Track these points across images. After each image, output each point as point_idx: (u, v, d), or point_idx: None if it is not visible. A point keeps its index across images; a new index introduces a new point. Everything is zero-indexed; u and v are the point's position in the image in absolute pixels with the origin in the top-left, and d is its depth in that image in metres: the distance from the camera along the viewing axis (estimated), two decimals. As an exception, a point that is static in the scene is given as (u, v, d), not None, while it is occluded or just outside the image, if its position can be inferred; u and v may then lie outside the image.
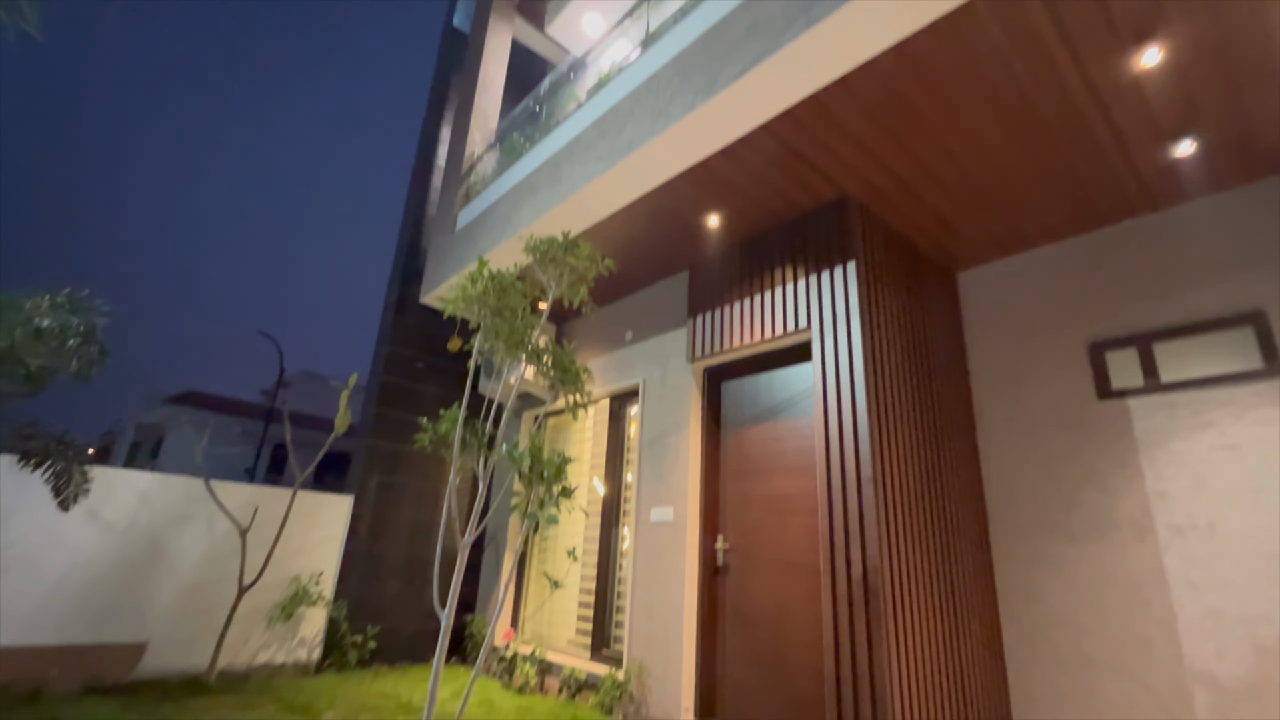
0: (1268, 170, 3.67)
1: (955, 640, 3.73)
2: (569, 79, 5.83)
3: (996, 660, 4.08)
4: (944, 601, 3.74)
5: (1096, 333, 4.21)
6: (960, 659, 3.74)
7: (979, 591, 4.11)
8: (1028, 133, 3.46)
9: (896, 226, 4.44)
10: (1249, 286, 3.69)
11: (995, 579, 4.29)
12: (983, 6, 2.71)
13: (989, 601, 4.18)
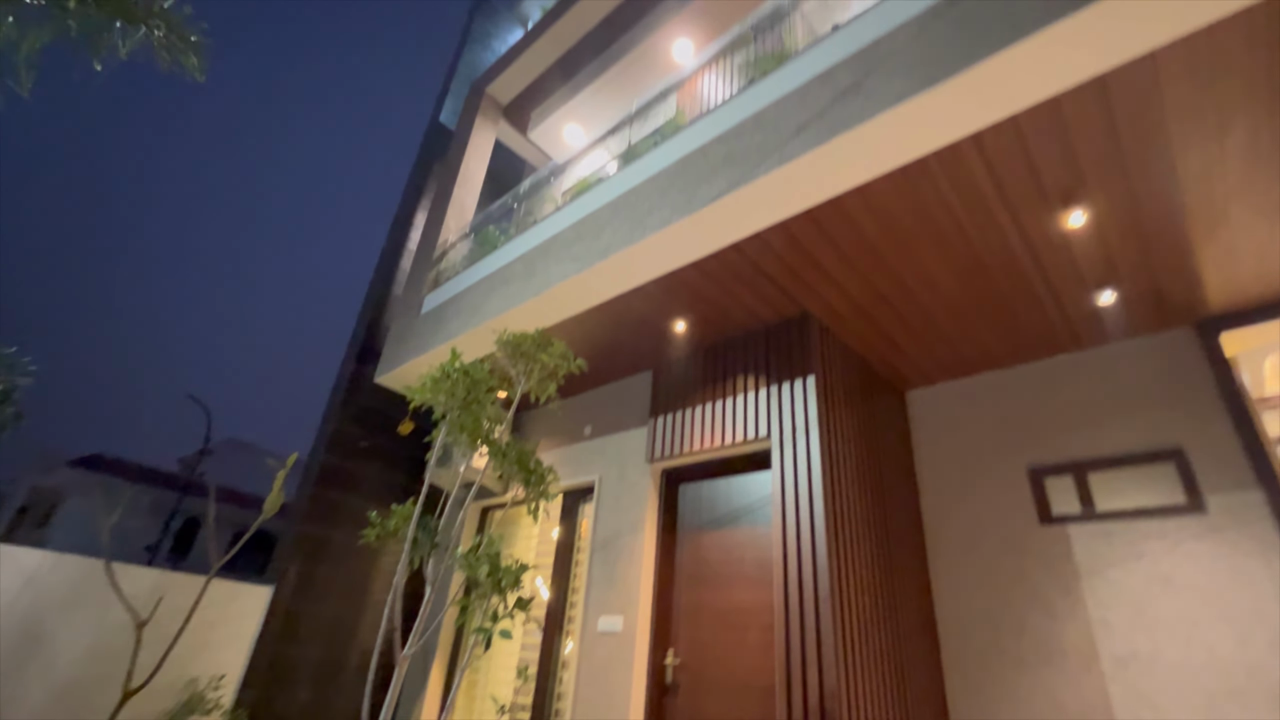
0: (1178, 321, 4.10)
1: (911, 776, 3.57)
2: (548, 182, 6.13)
3: (952, 799, 3.90)
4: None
5: (1036, 459, 4.44)
6: (916, 798, 3.56)
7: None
8: (972, 273, 3.79)
9: (853, 345, 4.68)
10: (1169, 425, 4.00)
11: (949, 708, 4.19)
12: (934, 163, 3.04)
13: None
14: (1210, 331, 4.00)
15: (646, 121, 5.56)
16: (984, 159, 3.01)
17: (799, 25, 4.27)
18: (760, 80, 3.76)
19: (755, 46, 4.47)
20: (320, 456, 6.22)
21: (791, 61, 3.57)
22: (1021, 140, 2.89)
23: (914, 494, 4.88)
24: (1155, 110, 2.70)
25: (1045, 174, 3.06)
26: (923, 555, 4.66)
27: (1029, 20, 2.43)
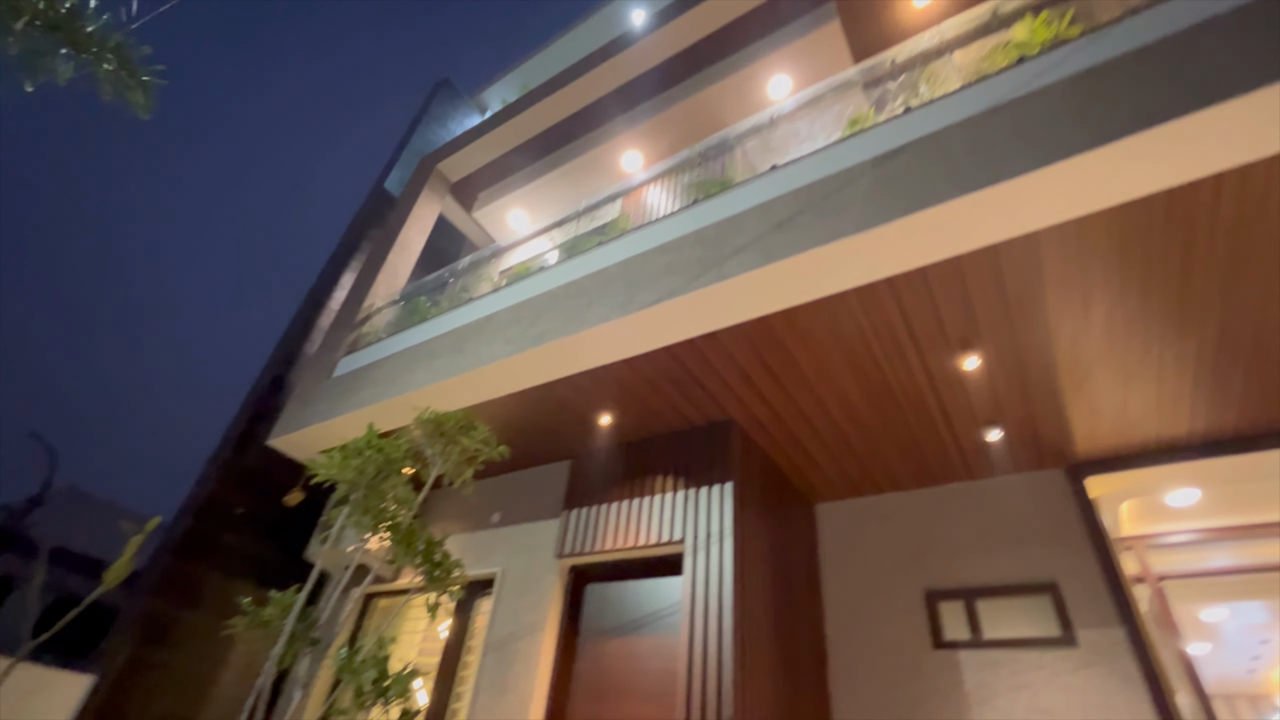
0: (1052, 463, 4.55)
1: None
2: (488, 261, 6.18)
3: None
4: None
5: (932, 582, 4.63)
6: None
7: None
8: (883, 399, 4.08)
9: (771, 454, 4.83)
10: (1044, 559, 4.32)
11: (841, 845, 4.04)
12: (855, 298, 3.34)
13: None
14: (1078, 475, 4.46)
15: (592, 220, 5.82)
16: (897, 301, 3.34)
17: (740, 158, 4.71)
18: (704, 201, 4.06)
19: (701, 170, 4.86)
20: (186, 521, 5.54)
21: (733, 190, 3.90)
22: (929, 289, 3.25)
23: (819, 609, 4.92)
24: (1036, 279, 3.13)
25: (947, 321, 3.43)
26: (824, 674, 4.63)
27: (938, 191, 2.80)
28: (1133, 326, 3.33)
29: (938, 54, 3.82)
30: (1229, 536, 5.06)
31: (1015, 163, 2.64)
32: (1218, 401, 3.80)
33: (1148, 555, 5.27)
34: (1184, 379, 3.65)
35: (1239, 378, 3.60)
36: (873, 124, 3.53)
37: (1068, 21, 3.19)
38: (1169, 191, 2.61)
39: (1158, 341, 3.41)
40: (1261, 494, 4.72)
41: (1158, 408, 3.89)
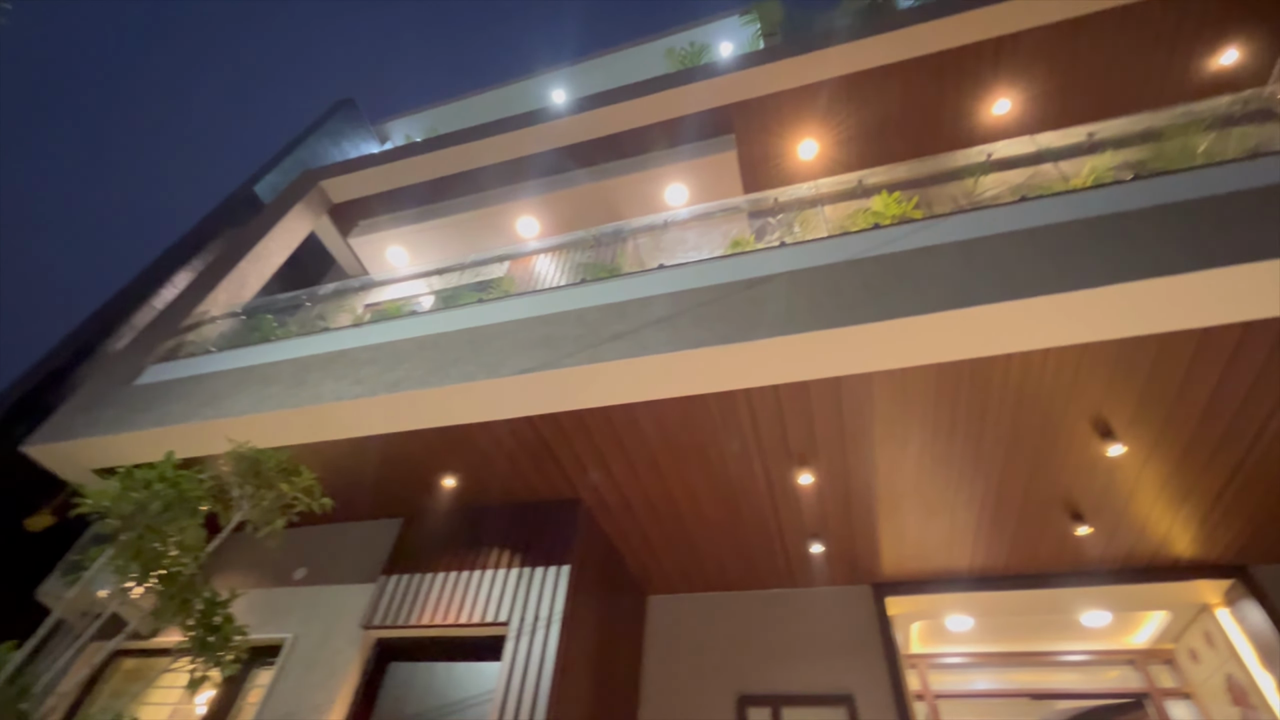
0: (862, 579, 4.96)
1: None
2: (354, 292, 5.80)
3: None
4: None
5: (745, 686, 4.73)
6: None
7: None
8: (726, 500, 4.27)
9: (613, 540, 4.80)
10: (846, 671, 4.61)
11: None
12: (713, 402, 3.54)
13: None
14: (881, 593, 4.90)
15: (476, 275, 5.73)
16: (751, 411, 3.59)
17: (631, 251, 4.96)
18: (591, 283, 4.18)
19: (593, 253, 5.03)
20: None
21: (621, 279, 4.06)
22: (780, 406, 3.53)
23: (634, 705, 4.81)
24: (868, 413, 3.54)
25: (791, 437, 3.73)
26: (628, 779, 4.47)
27: (798, 322, 3.12)
28: (938, 466, 3.83)
29: (812, 203, 4.37)
30: (991, 662, 5.75)
31: (861, 311, 3.03)
32: (994, 542, 4.41)
33: (929, 674, 5.82)
34: (971, 518, 4.22)
35: (1012, 524, 4.23)
36: (751, 249, 3.90)
37: (913, 204, 3.82)
38: (973, 360, 3.12)
39: (955, 483, 3.94)
40: (1020, 627, 5.46)
41: (949, 541, 4.44)
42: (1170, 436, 3.45)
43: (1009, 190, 3.82)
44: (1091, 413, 3.37)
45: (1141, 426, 3.40)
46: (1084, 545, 4.31)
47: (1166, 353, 3.02)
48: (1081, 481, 3.82)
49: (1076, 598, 4.70)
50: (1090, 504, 3.99)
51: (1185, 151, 3.66)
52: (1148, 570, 4.49)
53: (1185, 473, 3.67)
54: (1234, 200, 2.88)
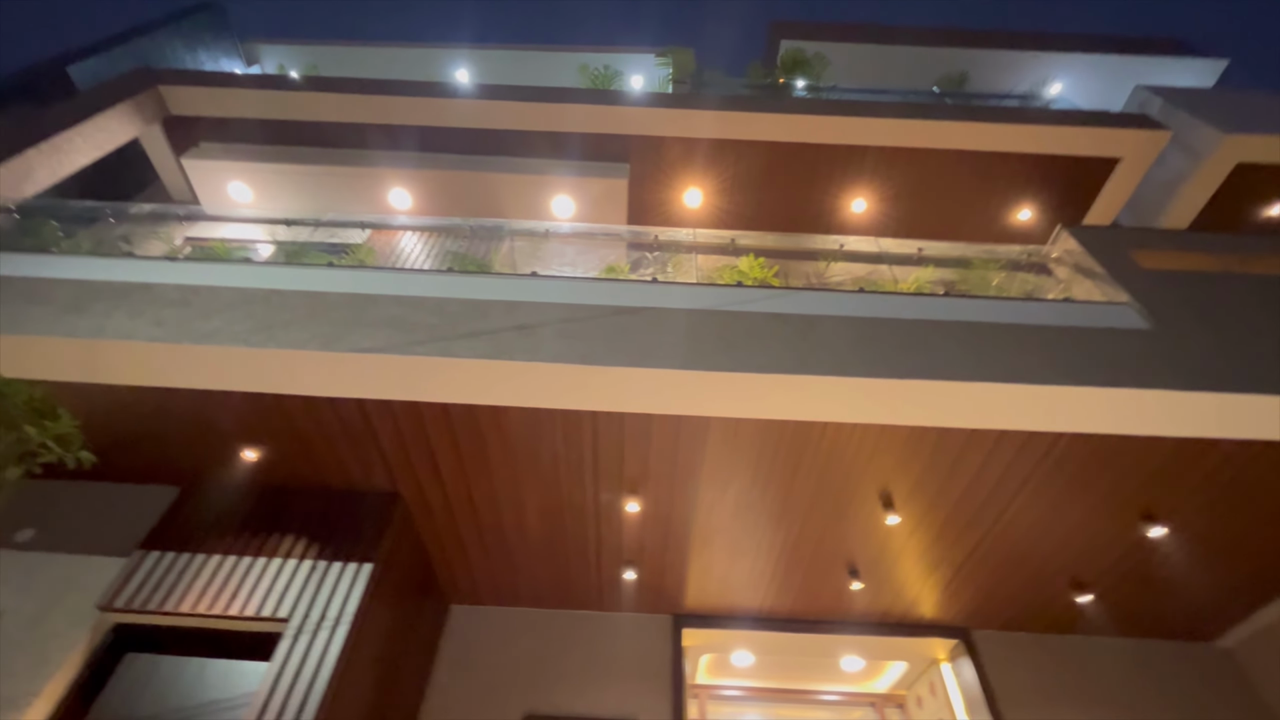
0: (665, 609, 5.19)
1: None
2: (180, 221, 5.04)
3: None
4: None
5: (533, 706, 4.69)
6: None
7: None
8: (554, 516, 4.26)
9: (426, 542, 4.56)
10: (633, 697, 4.76)
11: None
12: (559, 418, 3.56)
13: None
14: (679, 624, 5.16)
15: (331, 235, 5.25)
16: (595, 434, 3.65)
17: (507, 252, 4.86)
18: (459, 274, 4.02)
19: (467, 244, 4.86)
20: None
21: (491, 277, 3.96)
22: (623, 434, 3.64)
23: (415, 714, 4.55)
24: (700, 454, 3.76)
25: (627, 465, 3.85)
26: (390, 798, 4.19)
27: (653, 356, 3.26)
28: (750, 512, 4.16)
29: (688, 250, 4.62)
30: (762, 696, 6.27)
31: (713, 359, 3.24)
32: (785, 587, 4.86)
33: (707, 704, 6.20)
34: (770, 563, 4.62)
35: (802, 572, 4.70)
36: (625, 278, 4.02)
37: (774, 272, 4.20)
38: (797, 423, 3.47)
39: (761, 529, 4.30)
40: (792, 666, 6.03)
41: (748, 581, 4.82)
42: (934, 513, 4.07)
43: (851, 280, 4.35)
44: (880, 484, 3.89)
45: (914, 502, 3.99)
46: (855, 598, 4.90)
47: (942, 444, 3.59)
48: (863, 542, 4.36)
49: (841, 644, 5.31)
50: (866, 562, 4.56)
51: (983, 281, 4.44)
52: (898, 625, 5.21)
53: (940, 545, 4.35)
54: (1009, 330, 3.53)
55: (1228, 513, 3.95)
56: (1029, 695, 4.86)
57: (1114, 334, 3.55)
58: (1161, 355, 3.40)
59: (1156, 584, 4.62)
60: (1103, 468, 3.69)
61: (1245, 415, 3.27)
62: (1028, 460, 3.67)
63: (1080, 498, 3.90)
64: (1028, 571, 4.55)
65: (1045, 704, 4.82)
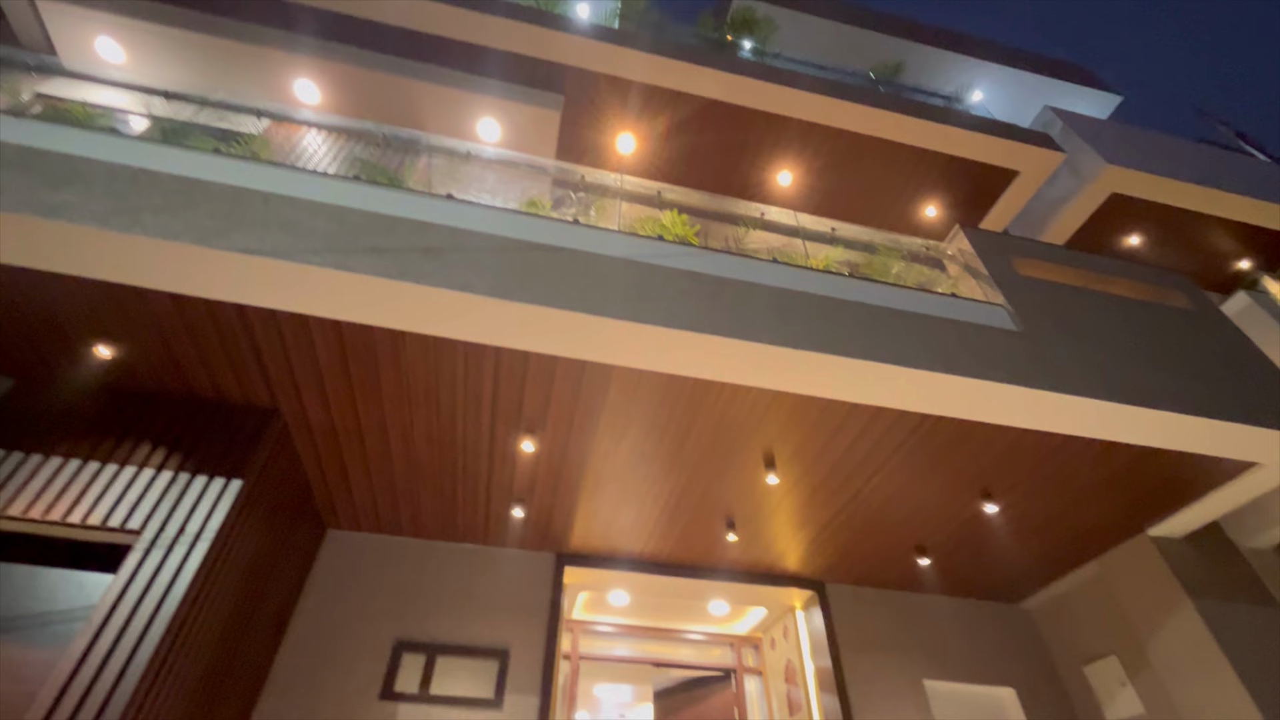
0: (550, 548, 5.31)
1: None
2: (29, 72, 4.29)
3: None
4: None
5: (406, 632, 4.70)
6: None
7: None
8: (444, 448, 4.18)
9: (305, 464, 4.35)
10: (509, 627, 4.88)
11: None
12: (462, 350, 3.46)
13: None
14: (562, 563, 5.30)
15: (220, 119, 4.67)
16: (496, 370, 3.58)
17: (422, 168, 4.56)
18: (367, 183, 3.73)
19: (378, 153, 4.50)
20: None
21: (401, 192, 3.71)
22: (525, 372, 3.60)
23: (278, 638, 4.42)
24: (601, 401, 3.80)
25: (527, 404, 3.82)
26: (257, 693, 4.11)
27: (562, 298, 3.22)
28: (642, 462, 4.29)
29: (613, 195, 4.54)
30: (633, 633, 6.64)
31: (624, 308, 3.25)
32: (666, 534, 5.10)
33: (580, 638, 6.48)
34: (655, 511, 4.82)
35: (684, 522, 4.94)
36: (546, 214, 3.90)
37: (695, 231, 4.22)
38: (697, 380, 3.58)
39: (651, 479, 4.45)
40: (663, 607, 6.40)
41: (632, 526, 5.01)
42: (809, 477, 4.39)
43: (766, 249, 4.47)
44: (765, 447, 4.13)
45: (793, 466, 4.27)
46: (729, 549, 5.24)
47: (826, 414, 3.85)
48: (742, 498, 4.64)
49: (711, 589, 5.68)
50: (743, 518, 4.86)
51: (885, 268, 4.71)
52: (764, 575, 5.64)
53: (809, 506, 4.71)
54: (900, 316, 3.80)
55: (1047, 497, 4.55)
56: (865, 641, 5.48)
57: (987, 331, 3.92)
58: (1023, 355, 3.80)
59: (982, 553, 5.29)
60: (956, 449, 4.12)
61: (1082, 415, 3.75)
62: (896, 437, 4.02)
63: (934, 474, 4.34)
64: (880, 535, 5.05)
65: (877, 649, 5.46)
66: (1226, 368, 4.31)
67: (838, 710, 5.03)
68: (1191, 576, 4.70)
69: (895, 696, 5.22)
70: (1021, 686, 5.52)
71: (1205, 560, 4.85)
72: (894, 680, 5.31)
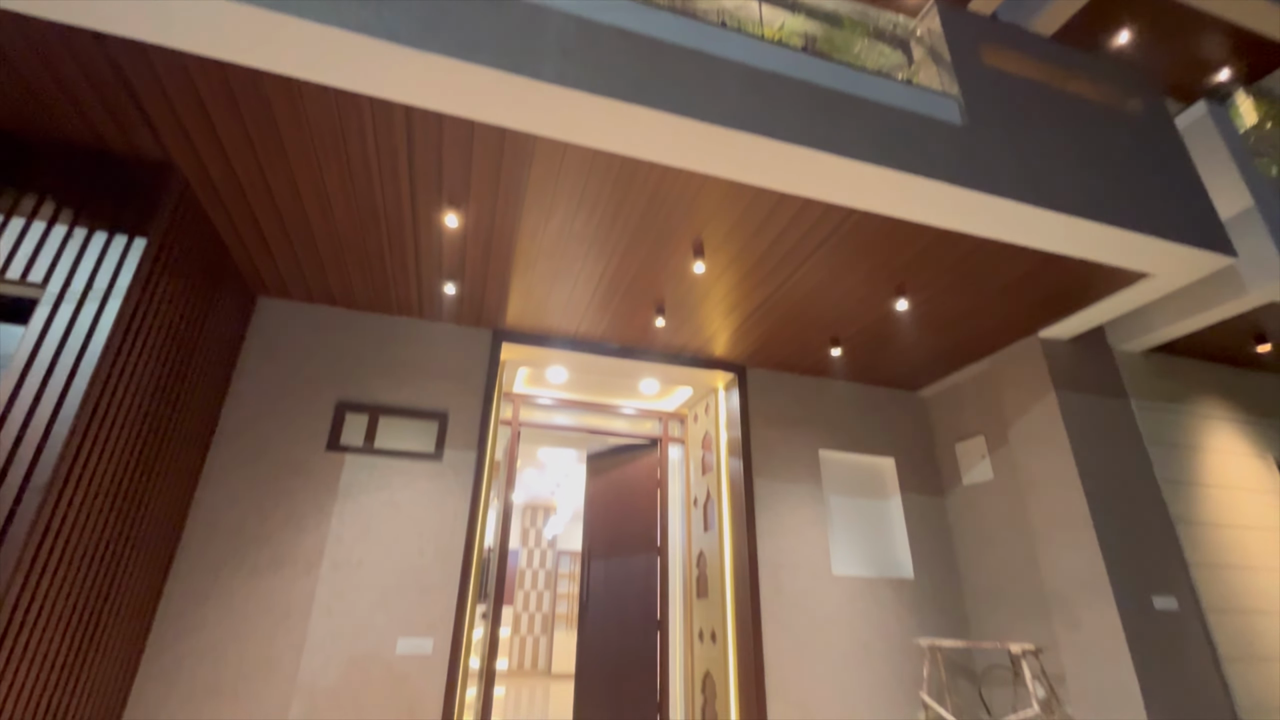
0: (487, 323, 5.47)
1: (79, 684, 3.27)
2: None
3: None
4: (81, 636, 3.27)
5: (346, 395, 4.99)
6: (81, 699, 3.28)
7: (135, 625, 3.79)
8: (364, 215, 4.03)
9: (218, 225, 4.15)
10: (447, 394, 5.23)
11: (157, 610, 4.08)
12: (368, 106, 3.15)
13: (139, 636, 3.90)
14: (499, 339, 5.52)
15: None
16: (409, 132, 3.32)
17: None
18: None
19: None
20: None
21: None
22: (441, 137, 3.35)
23: (219, 400, 4.64)
24: (524, 174, 3.63)
25: (447, 173, 3.63)
26: (199, 465, 4.45)
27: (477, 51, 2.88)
28: (572, 241, 4.27)
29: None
30: (570, 406, 7.23)
31: (544, 68, 2.95)
32: (599, 316, 5.30)
33: (521, 409, 7.03)
34: (587, 292, 4.93)
35: (615, 304, 5.10)
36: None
37: (638, -20, 3.68)
38: (625, 157, 3.42)
39: (582, 258, 4.48)
40: (598, 384, 6.89)
41: (565, 306, 5.15)
42: (737, 265, 4.49)
43: (716, 10, 3.99)
44: (694, 233, 4.13)
45: (722, 253, 4.34)
46: (658, 332, 5.52)
47: (756, 202, 3.81)
48: (671, 284, 4.77)
49: (641, 369, 6.10)
50: (672, 303, 5.05)
51: (846, 45, 4.32)
52: (691, 359, 6.06)
53: (735, 294, 4.90)
54: (847, 101, 3.59)
55: (955, 297, 4.84)
56: (774, 417, 6.15)
57: (932, 124, 3.78)
58: (960, 152, 3.73)
59: (889, 346, 5.75)
60: (878, 245, 4.22)
61: (1004, 218, 3.82)
62: (823, 229, 4.07)
63: (854, 268, 4.50)
64: (800, 325, 5.38)
65: (783, 424, 6.16)
66: (1153, 176, 4.37)
67: (741, 470, 5.81)
68: (1062, 372, 5.28)
69: (793, 461, 6.03)
70: (901, 457, 6.44)
71: (1079, 359, 5.42)
72: (794, 448, 6.09)
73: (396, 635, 4.47)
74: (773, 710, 5.07)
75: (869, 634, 5.60)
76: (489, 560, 7.34)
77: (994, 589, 5.64)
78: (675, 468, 7.50)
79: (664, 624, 6.82)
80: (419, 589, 4.63)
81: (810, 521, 5.87)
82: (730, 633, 5.67)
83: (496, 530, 6.53)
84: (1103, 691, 4.50)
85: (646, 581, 7.02)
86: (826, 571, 5.73)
